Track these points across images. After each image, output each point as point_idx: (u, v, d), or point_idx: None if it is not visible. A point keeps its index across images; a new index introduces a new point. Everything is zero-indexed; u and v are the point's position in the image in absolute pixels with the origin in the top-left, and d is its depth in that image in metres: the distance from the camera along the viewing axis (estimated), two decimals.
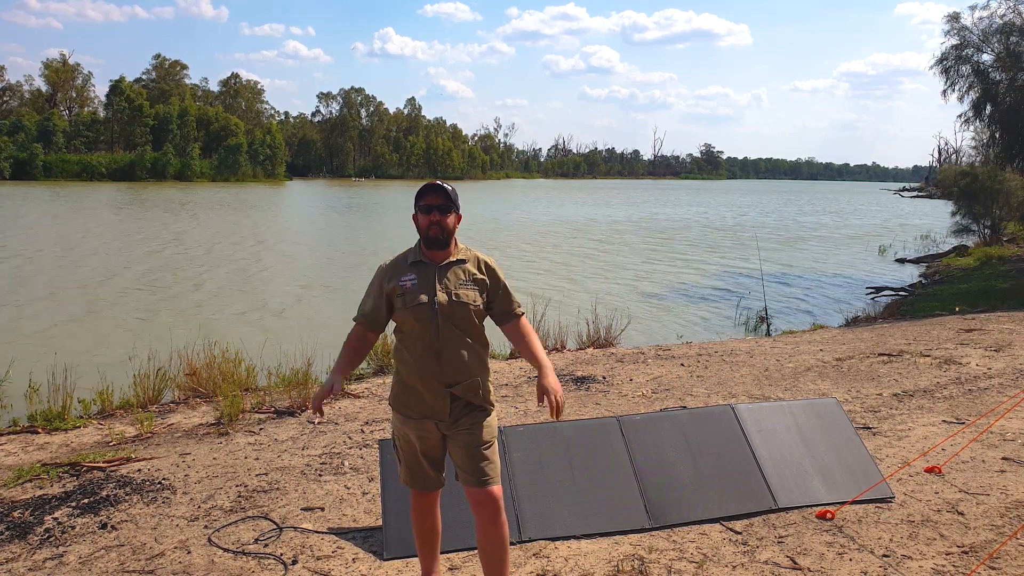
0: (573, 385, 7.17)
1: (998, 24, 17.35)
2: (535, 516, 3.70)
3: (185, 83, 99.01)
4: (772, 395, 6.61)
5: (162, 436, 5.76)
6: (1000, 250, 24.11)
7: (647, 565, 3.37)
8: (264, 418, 6.16)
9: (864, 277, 21.86)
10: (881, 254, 27.81)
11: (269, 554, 3.53)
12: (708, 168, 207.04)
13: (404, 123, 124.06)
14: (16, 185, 60.26)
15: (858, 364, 7.83)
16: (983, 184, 25.38)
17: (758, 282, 16.12)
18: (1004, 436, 5.20)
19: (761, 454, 4.15)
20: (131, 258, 21.53)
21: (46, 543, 3.72)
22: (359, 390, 7.23)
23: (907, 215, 54.77)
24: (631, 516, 3.76)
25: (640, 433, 4.11)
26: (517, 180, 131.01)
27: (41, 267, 19.22)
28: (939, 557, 3.44)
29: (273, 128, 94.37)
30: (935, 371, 7.42)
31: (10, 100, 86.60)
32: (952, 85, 18.32)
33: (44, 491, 4.39)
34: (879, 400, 6.36)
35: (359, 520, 3.93)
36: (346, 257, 23.87)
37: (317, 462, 4.88)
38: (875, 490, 4.07)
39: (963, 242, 26.66)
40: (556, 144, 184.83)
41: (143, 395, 6.92)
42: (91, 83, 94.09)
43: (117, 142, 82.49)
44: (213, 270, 19.71)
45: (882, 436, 5.29)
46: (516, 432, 4.08)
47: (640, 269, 22.49)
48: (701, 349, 9.23)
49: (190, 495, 4.31)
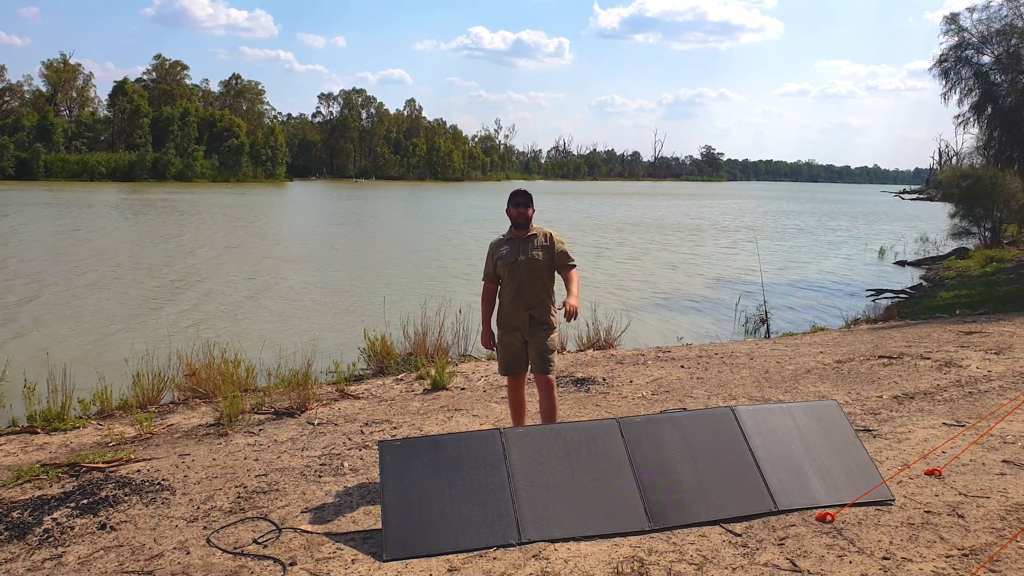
0: (573, 386, 7.17)
1: (997, 26, 17.33)
2: (535, 518, 3.69)
3: (186, 83, 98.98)
4: (772, 397, 6.60)
5: (161, 437, 5.75)
6: (1000, 253, 24.11)
7: (647, 567, 3.36)
8: (263, 419, 6.16)
9: (864, 279, 21.86)
10: (881, 256, 27.81)
11: (268, 555, 3.53)
12: (708, 170, 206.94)
13: (404, 124, 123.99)
14: (16, 185, 60.21)
15: (858, 366, 7.83)
16: (983, 186, 25.39)
17: (758, 283, 16.12)
18: (1004, 439, 5.19)
19: (761, 456, 4.14)
20: (131, 258, 21.53)
21: (45, 543, 3.71)
22: (359, 391, 7.22)
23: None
24: (631, 518, 3.76)
25: (640, 435, 4.10)
26: (517, 181, 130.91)
27: (41, 267, 19.21)
28: (939, 560, 3.43)
29: (276, 129, 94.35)
30: (935, 374, 7.41)
31: (10, 100, 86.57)
32: (952, 88, 18.29)
33: (43, 491, 4.39)
34: (879, 402, 6.36)
35: (358, 521, 3.93)
36: (347, 258, 23.87)
37: (317, 463, 4.88)
38: (875, 492, 4.07)
39: (963, 245, 26.66)
40: (556, 145, 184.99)
41: (142, 396, 6.92)
42: (91, 83, 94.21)
43: (118, 142, 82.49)
44: (213, 270, 19.71)
45: (882, 438, 5.29)
46: (516, 433, 4.08)
47: (640, 269, 22.49)
48: (701, 351, 9.23)
49: (189, 496, 4.30)
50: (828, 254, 29.60)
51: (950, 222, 27.91)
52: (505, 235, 4.86)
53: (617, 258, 25.52)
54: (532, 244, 4.73)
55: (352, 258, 23.86)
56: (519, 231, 4.77)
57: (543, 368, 4.71)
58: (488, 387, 7.24)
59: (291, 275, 19.48)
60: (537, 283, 4.69)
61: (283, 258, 23.13)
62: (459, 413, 6.20)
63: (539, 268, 4.70)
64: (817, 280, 21.71)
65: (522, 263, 4.67)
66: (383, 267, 21.79)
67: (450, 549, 3.52)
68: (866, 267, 25.30)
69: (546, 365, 4.71)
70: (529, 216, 4.79)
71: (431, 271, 20.95)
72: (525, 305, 4.68)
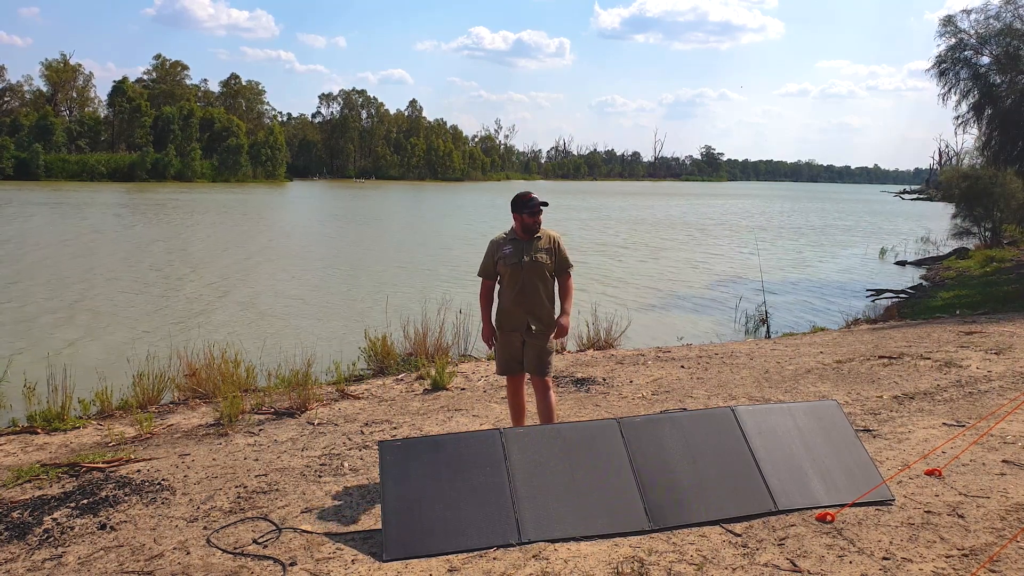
0: (573, 387, 7.17)
1: (996, 26, 17.33)
2: (535, 518, 3.69)
3: (186, 83, 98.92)
4: (772, 397, 6.60)
5: (161, 437, 5.75)
6: (1000, 253, 24.11)
7: (647, 567, 3.36)
8: (264, 419, 6.16)
9: (864, 279, 21.86)
10: (881, 256, 27.81)
11: (268, 555, 3.53)
12: (708, 170, 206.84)
13: (404, 124, 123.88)
14: (15, 185, 60.20)
15: (858, 366, 7.83)
16: (983, 187, 25.40)
17: (758, 283, 16.12)
18: (1004, 439, 5.19)
19: (761, 456, 4.14)
20: (131, 259, 21.53)
21: (45, 544, 3.71)
22: (359, 391, 7.22)
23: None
24: (631, 518, 3.76)
25: (640, 435, 4.10)
26: (517, 181, 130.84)
27: (40, 267, 19.21)
28: (939, 560, 3.43)
29: (275, 129, 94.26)
30: (935, 374, 7.41)
31: (11, 100, 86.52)
32: (951, 89, 18.30)
33: (43, 491, 4.39)
34: (879, 402, 6.36)
35: (359, 522, 3.92)
36: (348, 258, 23.87)
37: (317, 463, 4.88)
38: (875, 493, 4.07)
39: (963, 245, 26.67)
40: (556, 145, 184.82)
41: (142, 396, 6.91)
42: (91, 83, 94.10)
43: (119, 142, 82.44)
44: (213, 271, 19.71)
45: (882, 438, 5.29)
46: (516, 433, 4.08)
47: (640, 270, 22.49)
48: (701, 351, 9.23)
49: (189, 496, 4.30)
50: (828, 254, 29.60)
51: (951, 222, 27.93)
52: (508, 234, 4.86)
53: (623, 257, 25.52)
54: (537, 246, 4.74)
55: (352, 258, 23.85)
56: (526, 234, 4.77)
57: (540, 370, 4.75)
58: (488, 387, 7.24)
59: (291, 275, 19.47)
60: (539, 285, 4.71)
61: (283, 258, 23.12)
62: (459, 413, 6.20)
63: (542, 270, 4.72)
64: (817, 280, 21.72)
65: (526, 264, 4.68)
66: (383, 267, 21.78)
67: (450, 549, 3.52)
68: (866, 267, 25.30)
69: (543, 367, 4.75)
70: (540, 223, 4.83)
71: (431, 271, 20.95)
72: (526, 307, 4.69)
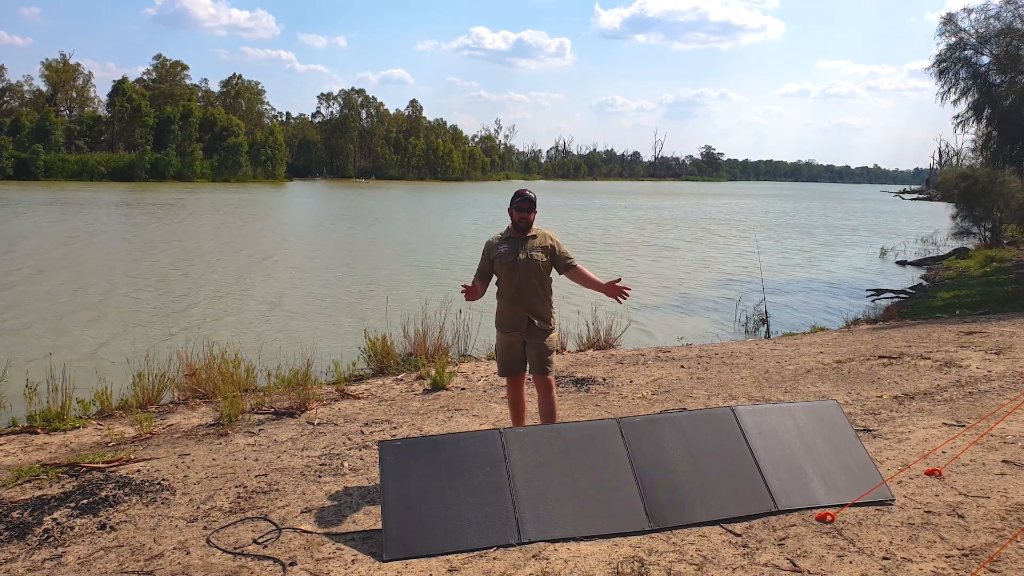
0: (573, 386, 7.17)
1: (996, 26, 17.33)
2: (534, 518, 3.69)
3: (186, 83, 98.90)
4: (772, 397, 6.60)
5: (161, 437, 5.75)
6: (1000, 253, 24.12)
7: (647, 567, 3.36)
8: (263, 419, 6.16)
9: (864, 279, 21.86)
10: (882, 256, 27.81)
11: (268, 555, 3.52)
12: (708, 170, 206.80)
13: (404, 124, 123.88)
14: (14, 185, 60.19)
15: (858, 366, 7.83)
16: (983, 186, 25.41)
17: (758, 283, 16.12)
18: (1004, 439, 5.19)
19: (761, 456, 4.14)
20: (131, 259, 21.53)
21: (45, 544, 3.71)
22: (359, 391, 7.23)
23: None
24: (631, 518, 3.76)
25: (640, 435, 4.10)
26: (517, 181, 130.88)
27: (40, 268, 19.21)
28: (939, 560, 3.43)
29: (275, 129, 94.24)
30: (935, 374, 7.41)
31: (10, 100, 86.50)
32: (950, 88, 18.31)
33: (43, 491, 4.39)
34: (879, 402, 6.35)
35: (358, 522, 3.92)
36: (348, 258, 23.87)
37: (316, 463, 4.87)
38: (875, 492, 4.07)
39: (963, 244, 26.67)
40: (556, 145, 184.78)
41: (142, 396, 6.91)
42: (91, 83, 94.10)
43: (119, 142, 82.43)
44: (213, 271, 19.71)
45: (882, 438, 5.29)
46: (516, 434, 4.08)
47: (640, 270, 22.48)
48: (701, 351, 9.23)
49: (189, 496, 4.30)
50: (829, 254, 29.60)
51: (951, 222, 27.94)
52: (503, 234, 4.86)
53: (631, 255, 25.52)
54: (532, 244, 4.74)
55: (353, 258, 23.85)
56: (519, 232, 4.78)
57: (542, 369, 4.76)
58: (488, 387, 7.24)
59: (291, 275, 19.47)
60: (535, 283, 4.71)
61: (283, 258, 23.12)
62: (459, 413, 6.20)
63: (538, 268, 4.70)
64: (817, 280, 21.72)
65: (521, 262, 4.68)
66: (383, 267, 21.78)
67: (450, 549, 3.52)
68: (867, 267, 25.30)
69: (545, 366, 4.75)
70: (531, 221, 4.80)
71: (431, 271, 20.94)
72: (524, 305, 4.70)
